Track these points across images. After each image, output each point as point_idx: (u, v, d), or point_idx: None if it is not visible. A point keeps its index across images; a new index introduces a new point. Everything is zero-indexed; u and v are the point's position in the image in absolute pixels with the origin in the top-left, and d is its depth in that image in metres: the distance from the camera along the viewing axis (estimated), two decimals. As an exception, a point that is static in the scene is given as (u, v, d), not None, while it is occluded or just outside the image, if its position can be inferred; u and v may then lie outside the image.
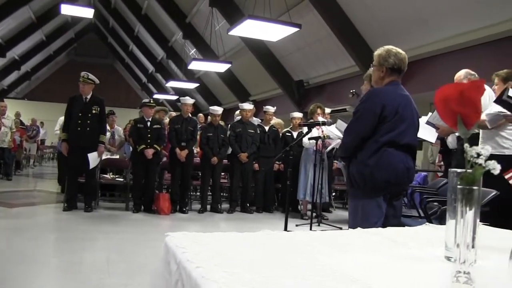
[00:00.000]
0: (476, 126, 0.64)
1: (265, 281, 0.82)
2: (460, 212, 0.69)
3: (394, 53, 2.85)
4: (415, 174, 6.22)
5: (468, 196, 0.68)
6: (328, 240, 1.30)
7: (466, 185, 0.69)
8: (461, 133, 0.70)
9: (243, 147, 7.31)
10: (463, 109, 0.67)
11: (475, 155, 0.68)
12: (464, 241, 0.68)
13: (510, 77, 4.22)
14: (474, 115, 0.67)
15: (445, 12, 7.52)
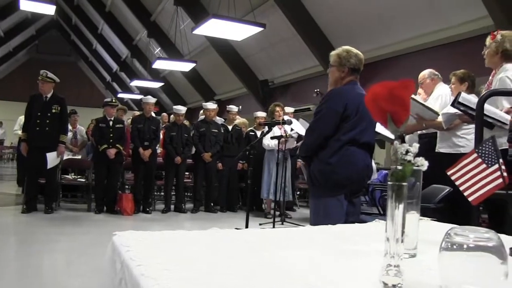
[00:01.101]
0: (406, 124, 0.67)
1: (205, 278, 0.83)
2: (390, 207, 0.73)
3: (355, 53, 2.90)
4: (377, 172, 6.37)
5: (397, 192, 0.71)
6: (276, 238, 1.33)
7: (396, 181, 0.72)
8: (391, 131, 0.74)
9: (206, 146, 7.30)
10: (392, 107, 0.70)
11: (404, 152, 0.72)
12: (394, 235, 0.72)
13: (466, 78, 4.37)
14: (403, 113, 0.71)
15: (406, 14, 7.72)
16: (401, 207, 0.72)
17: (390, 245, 0.72)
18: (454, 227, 0.81)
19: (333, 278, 0.87)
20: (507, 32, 3.54)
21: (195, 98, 16.93)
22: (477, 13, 6.76)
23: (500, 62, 3.55)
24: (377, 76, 8.75)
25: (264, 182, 6.90)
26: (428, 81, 4.85)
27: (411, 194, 1.06)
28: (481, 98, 2.53)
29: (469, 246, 0.75)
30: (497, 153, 1.17)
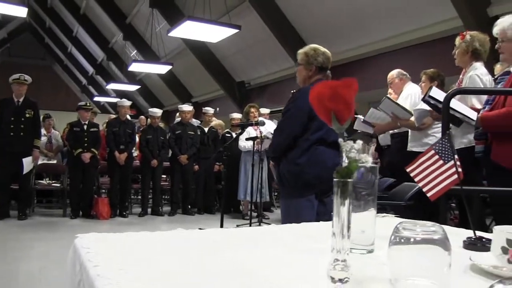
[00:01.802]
0: (349, 122, 0.68)
1: (162, 277, 0.84)
2: (336, 203, 0.75)
3: (322, 52, 2.91)
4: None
5: (342, 189, 0.73)
6: (240, 237, 1.34)
7: (341, 178, 0.74)
8: (335, 128, 0.76)
9: (183, 149, 7.28)
10: (336, 106, 0.72)
11: (348, 149, 0.74)
12: (340, 231, 0.73)
13: (436, 76, 4.47)
14: (346, 111, 0.73)
15: (380, 15, 7.83)
16: (347, 203, 0.74)
17: (336, 240, 0.74)
18: (403, 221, 0.83)
19: (289, 275, 0.88)
20: (475, 32, 3.64)
21: (172, 100, 16.84)
22: (448, 14, 6.90)
23: (470, 61, 3.65)
24: (352, 76, 8.83)
25: (241, 184, 6.91)
26: (397, 81, 4.94)
27: (368, 192, 1.09)
28: (448, 95, 2.59)
29: (416, 240, 0.78)
30: (453, 150, 1.20)
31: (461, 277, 0.88)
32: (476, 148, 3.04)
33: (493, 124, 2.79)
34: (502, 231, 0.89)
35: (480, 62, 3.62)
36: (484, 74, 3.56)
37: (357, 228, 1.08)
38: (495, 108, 2.83)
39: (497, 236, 0.90)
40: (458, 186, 1.24)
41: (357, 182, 1.10)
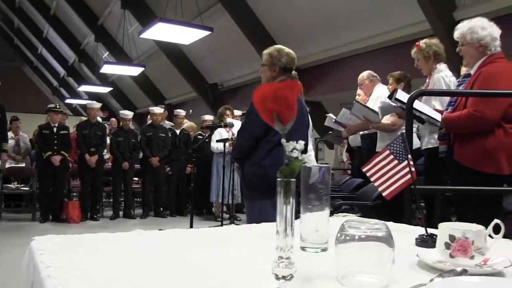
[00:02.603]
0: (291, 123, 0.69)
1: (115, 277, 0.84)
2: (279, 203, 0.76)
3: (286, 52, 2.90)
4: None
5: (285, 188, 0.75)
6: (201, 237, 1.35)
7: (284, 178, 0.75)
8: (279, 129, 0.77)
9: (154, 151, 7.24)
10: (278, 107, 0.74)
11: (290, 150, 0.75)
12: (284, 229, 0.75)
13: (402, 78, 4.57)
14: (288, 112, 0.74)
15: (351, 18, 7.94)
16: (289, 202, 0.76)
17: (280, 238, 0.76)
18: (349, 220, 0.86)
19: (237, 273, 0.90)
20: (426, 39, 3.80)
21: (145, 102, 16.69)
22: (416, 18, 7.05)
23: (434, 65, 3.76)
24: (325, 78, 8.97)
25: (213, 185, 6.90)
26: (367, 82, 5.02)
27: (322, 193, 1.11)
28: (411, 97, 2.66)
29: (361, 237, 0.80)
30: (406, 150, 1.24)
31: (407, 273, 0.91)
32: (439, 149, 3.11)
33: (455, 125, 2.87)
34: (446, 228, 0.93)
35: (444, 64, 3.74)
36: (449, 76, 3.67)
37: (311, 227, 1.11)
38: (457, 109, 2.91)
39: (442, 232, 0.93)
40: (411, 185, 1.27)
41: (317, 182, 1.13)
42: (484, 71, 2.82)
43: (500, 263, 0.89)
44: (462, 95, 2.89)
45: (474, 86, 2.83)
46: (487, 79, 2.78)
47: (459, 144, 2.87)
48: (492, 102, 2.73)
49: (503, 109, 2.72)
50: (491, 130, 2.74)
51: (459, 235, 0.90)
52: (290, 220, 0.76)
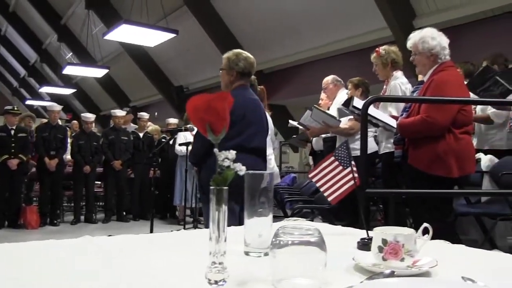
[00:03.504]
0: (224, 133, 0.71)
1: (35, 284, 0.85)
2: (212, 209, 0.79)
3: (244, 57, 2.90)
4: (287, 175, 6.57)
5: (218, 196, 0.77)
6: (149, 242, 1.35)
7: (217, 186, 0.78)
8: (211, 139, 0.80)
9: (116, 154, 7.14)
10: (210, 118, 0.76)
11: (222, 158, 0.78)
12: (216, 236, 0.77)
13: (361, 84, 4.69)
14: (219, 122, 0.77)
15: (315, 24, 8.08)
16: (222, 209, 0.78)
17: (212, 244, 0.78)
18: (284, 225, 0.89)
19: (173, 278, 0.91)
20: (386, 46, 3.91)
21: (110, 105, 16.43)
22: (378, 25, 7.24)
23: (390, 72, 3.88)
24: (289, 82, 9.07)
25: (176, 189, 6.87)
26: (331, 86, 5.11)
27: (265, 199, 1.14)
28: (365, 103, 2.72)
29: (294, 242, 0.83)
30: (350, 157, 1.28)
31: (343, 275, 0.95)
32: (395, 153, 3.21)
33: (409, 130, 2.97)
34: (379, 232, 0.97)
35: (401, 71, 3.86)
36: (405, 83, 3.79)
37: (255, 232, 1.13)
38: (411, 115, 3.01)
39: (375, 236, 0.98)
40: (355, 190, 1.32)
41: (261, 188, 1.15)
42: (436, 79, 2.93)
43: (427, 263, 0.94)
44: (415, 102, 2.99)
45: (427, 93, 2.94)
46: (438, 87, 2.89)
47: (413, 149, 2.97)
48: (443, 108, 2.84)
49: (453, 115, 2.84)
50: (442, 135, 2.86)
51: (391, 239, 0.95)
52: (223, 226, 0.78)
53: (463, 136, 2.93)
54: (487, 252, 1.25)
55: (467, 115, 2.97)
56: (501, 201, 3.44)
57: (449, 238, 2.98)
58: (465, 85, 3.35)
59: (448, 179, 2.88)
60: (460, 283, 0.80)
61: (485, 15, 6.37)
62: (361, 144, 2.54)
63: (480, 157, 3.89)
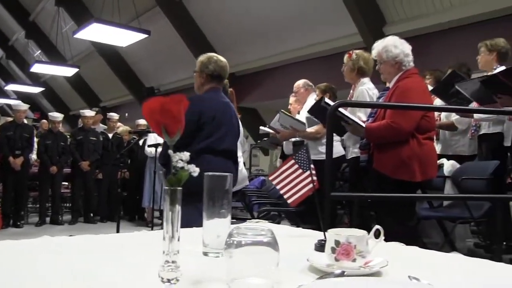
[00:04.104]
0: (179, 135, 0.72)
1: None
2: (166, 210, 0.80)
3: (215, 60, 2.92)
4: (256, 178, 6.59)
5: (172, 197, 0.79)
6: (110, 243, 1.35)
7: (171, 186, 0.79)
8: (167, 141, 0.81)
9: (84, 155, 7.04)
10: (165, 120, 0.77)
11: (176, 159, 0.79)
12: (170, 235, 0.78)
13: (328, 90, 4.78)
14: (174, 125, 0.78)
15: (287, 28, 8.15)
16: (175, 209, 0.80)
17: (166, 243, 0.79)
18: (238, 226, 0.90)
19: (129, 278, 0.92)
20: (361, 51, 3.97)
21: (80, 104, 16.15)
22: (350, 31, 7.36)
23: (357, 78, 3.95)
24: (261, 85, 9.12)
25: (145, 190, 6.81)
26: (303, 90, 5.16)
27: (224, 200, 1.16)
28: (332, 107, 2.77)
29: (247, 242, 0.85)
30: (309, 160, 1.31)
31: (296, 275, 0.97)
32: (361, 158, 3.26)
33: (375, 135, 3.03)
34: (332, 233, 1.00)
35: (367, 77, 3.93)
36: (372, 88, 3.86)
37: (213, 233, 1.15)
38: (377, 120, 3.08)
39: (329, 237, 1.00)
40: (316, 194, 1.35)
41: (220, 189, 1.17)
42: (400, 85, 3.01)
43: (378, 264, 0.98)
44: (381, 107, 3.06)
45: (392, 99, 3.01)
46: (402, 93, 2.97)
47: (378, 153, 3.03)
48: (407, 114, 2.91)
49: (417, 120, 2.92)
50: (406, 141, 2.93)
51: (343, 240, 0.97)
52: (176, 226, 0.80)
53: (426, 142, 3.01)
54: (437, 253, 1.30)
55: (430, 121, 3.06)
56: (461, 205, 3.54)
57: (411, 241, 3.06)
58: (429, 92, 3.44)
59: (411, 183, 2.95)
60: (404, 282, 0.83)
61: (450, 25, 6.55)
62: (327, 147, 2.58)
63: (443, 162, 4.00)
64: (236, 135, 3.02)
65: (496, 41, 3.97)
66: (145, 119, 0.79)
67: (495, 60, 3.97)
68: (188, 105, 2.57)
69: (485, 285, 0.96)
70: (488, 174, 3.44)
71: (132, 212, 7.61)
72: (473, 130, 4.22)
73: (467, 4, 6.23)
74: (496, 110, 3.45)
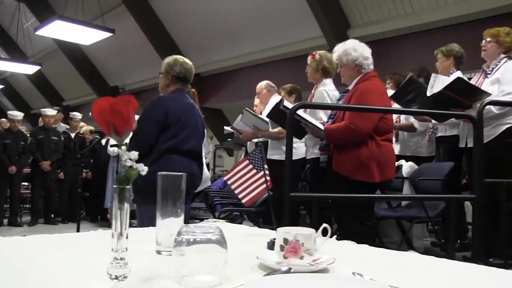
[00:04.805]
0: (128, 134, 0.74)
1: None
2: (115, 207, 0.81)
3: (181, 62, 2.98)
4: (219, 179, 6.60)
5: (120, 195, 0.80)
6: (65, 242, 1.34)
7: (119, 185, 0.80)
8: (116, 140, 0.82)
9: (45, 154, 6.88)
10: (114, 120, 0.79)
11: (124, 159, 0.81)
12: (118, 232, 0.80)
13: (294, 91, 4.81)
14: (123, 125, 0.80)
15: (252, 29, 8.19)
16: (124, 207, 0.81)
17: (114, 241, 0.80)
18: (187, 225, 0.92)
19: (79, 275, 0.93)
20: (324, 52, 4.03)
21: (42, 103, 15.74)
22: (314, 33, 7.46)
23: (320, 78, 4.01)
24: (226, 86, 9.13)
25: (107, 191, 6.71)
26: (265, 91, 5.20)
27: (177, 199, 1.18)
28: (292, 109, 2.81)
29: (196, 240, 0.87)
30: (263, 161, 1.34)
31: (246, 272, 0.99)
32: (320, 159, 3.32)
33: (334, 136, 3.09)
34: (282, 232, 1.03)
35: (330, 78, 4.00)
36: (332, 89, 3.93)
37: (166, 232, 1.16)
38: (336, 122, 3.14)
39: (278, 235, 1.03)
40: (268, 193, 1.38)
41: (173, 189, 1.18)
42: (360, 87, 3.08)
43: (325, 261, 1.01)
44: (338, 109, 3.13)
45: (351, 101, 3.08)
46: (361, 95, 3.04)
47: (337, 155, 3.10)
48: (365, 116, 2.98)
49: (375, 122, 2.99)
50: (364, 142, 3.00)
51: (291, 238, 1.00)
52: (125, 224, 0.81)
53: (385, 143, 3.09)
54: (386, 251, 1.35)
55: (388, 123, 3.13)
56: (418, 205, 3.65)
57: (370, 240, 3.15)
58: (387, 94, 3.54)
59: (370, 184, 3.03)
60: (348, 277, 0.87)
61: (412, 29, 6.74)
62: (287, 148, 2.63)
63: (401, 163, 4.11)
64: (201, 136, 3.06)
65: (451, 47, 4.11)
66: (94, 119, 0.80)
67: (452, 64, 4.12)
68: (154, 105, 2.58)
69: (424, 280, 1.01)
70: (443, 175, 3.55)
71: (95, 213, 7.49)
72: (431, 132, 4.36)
73: (427, 11, 6.42)
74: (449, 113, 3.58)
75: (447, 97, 3.42)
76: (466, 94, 3.41)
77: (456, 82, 3.43)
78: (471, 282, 1.02)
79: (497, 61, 3.62)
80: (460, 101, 3.42)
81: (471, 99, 3.39)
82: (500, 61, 3.60)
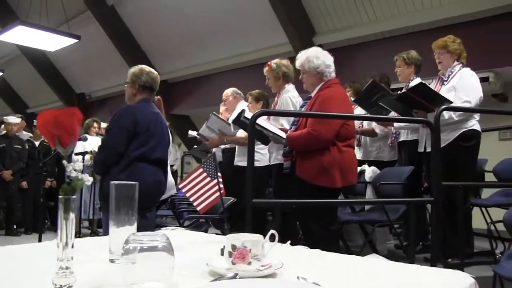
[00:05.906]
0: (72, 146, 0.75)
1: None
2: (60, 217, 0.82)
3: (147, 72, 3.04)
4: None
5: (65, 205, 0.81)
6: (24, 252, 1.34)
7: (65, 195, 0.82)
8: (61, 151, 0.84)
9: (7, 163, 6.71)
10: (58, 132, 0.80)
11: (70, 169, 0.82)
12: (64, 242, 0.81)
13: (261, 97, 4.85)
14: (67, 136, 0.81)
15: (219, 36, 8.23)
16: (69, 217, 0.83)
17: (60, 250, 0.82)
18: (134, 233, 0.94)
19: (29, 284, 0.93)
20: (278, 60, 4.12)
21: (4, 110, 15.33)
22: (280, 40, 7.55)
23: (282, 85, 4.07)
24: (193, 92, 9.13)
25: (74, 200, 6.59)
26: (231, 98, 5.23)
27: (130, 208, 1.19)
28: (253, 116, 2.84)
29: (143, 248, 0.89)
30: (217, 169, 1.36)
31: (195, 278, 1.01)
32: (284, 165, 3.37)
33: (297, 143, 3.14)
34: (230, 238, 1.06)
35: (292, 84, 4.07)
36: (296, 96, 3.99)
37: (119, 241, 1.17)
38: (299, 128, 3.19)
39: (227, 242, 1.06)
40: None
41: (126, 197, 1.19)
42: (321, 94, 3.15)
43: (273, 266, 1.04)
44: (300, 116, 3.19)
45: (313, 108, 3.14)
46: (323, 102, 3.11)
47: (300, 161, 3.15)
48: (327, 123, 3.05)
49: (336, 129, 3.06)
50: (327, 148, 3.06)
51: (239, 244, 1.03)
52: (70, 233, 0.82)
53: (347, 149, 3.16)
54: (337, 255, 1.38)
55: (350, 129, 3.21)
56: (380, 209, 3.73)
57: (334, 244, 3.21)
58: (349, 101, 3.62)
59: (332, 189, 3.09)
60: (290, 281, 0.91)
61: (376, 37, 6.90)
62: (248, 155, 2.66)
63: (364, 168, 4.20)
64: (167, 145, 3.13)
65: (412, 54, 4.24)
66: (39, 130, 0.82)
67: (413, 72, 4.24)
68: (123, 113, 2.60)
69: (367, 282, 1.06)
70: (403, 179, 3.65)
71: (60, 223, 7.33)
72: (393, 137, 4.47)
73: (390, 18, 6.59)
74: (408, 119, 3.69)
75: (410, 98, 3.53)
76: (428, 99, 3.52)
77: (419, 87, 3.55)
78: (406, 281, 1.07)
79: (452, 69, 3.75)
80: (423, 104, 3.53)
81: (433, 104, 3.51)
82: (454, 68, 3.74)
